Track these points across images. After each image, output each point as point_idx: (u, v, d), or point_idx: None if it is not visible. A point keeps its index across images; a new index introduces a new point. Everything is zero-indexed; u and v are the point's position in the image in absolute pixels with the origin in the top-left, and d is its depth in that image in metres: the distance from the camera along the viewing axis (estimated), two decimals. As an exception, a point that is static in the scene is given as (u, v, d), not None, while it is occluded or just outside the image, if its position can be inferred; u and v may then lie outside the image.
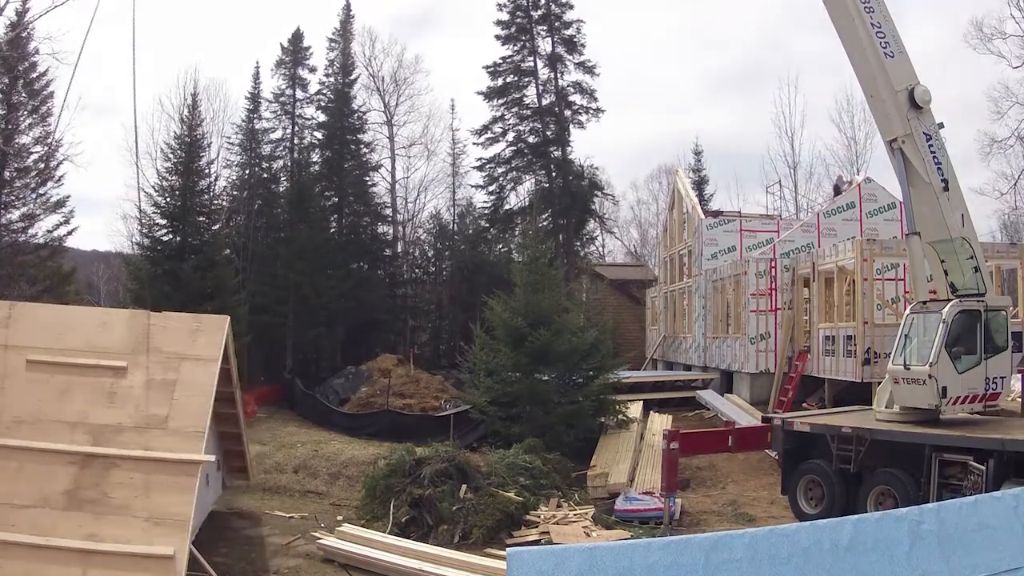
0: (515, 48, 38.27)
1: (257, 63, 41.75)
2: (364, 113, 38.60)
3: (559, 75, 37.98)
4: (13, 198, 25.98)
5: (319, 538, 10.33)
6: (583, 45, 37.85)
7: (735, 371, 22.02)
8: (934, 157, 11.81)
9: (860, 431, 11.58)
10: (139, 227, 26.28)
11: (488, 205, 39.73)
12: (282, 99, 36.62)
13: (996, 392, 11.69)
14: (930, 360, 11.32)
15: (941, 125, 11.93)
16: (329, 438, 18.68)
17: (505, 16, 38.07)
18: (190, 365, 8.42)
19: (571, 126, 38.14)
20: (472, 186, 40.89)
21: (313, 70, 37.43)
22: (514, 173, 39.30)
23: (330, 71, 37.84)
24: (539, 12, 37.99)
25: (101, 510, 7.21)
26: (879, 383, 13.49)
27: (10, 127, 25.73)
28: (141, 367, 8.34)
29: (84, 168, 46.67)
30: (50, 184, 26.32)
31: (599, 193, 40.34)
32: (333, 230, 34.70)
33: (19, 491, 7.29)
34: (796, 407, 18.20)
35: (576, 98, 38.13)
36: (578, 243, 39.63)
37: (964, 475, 10.14)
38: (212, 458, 7.69)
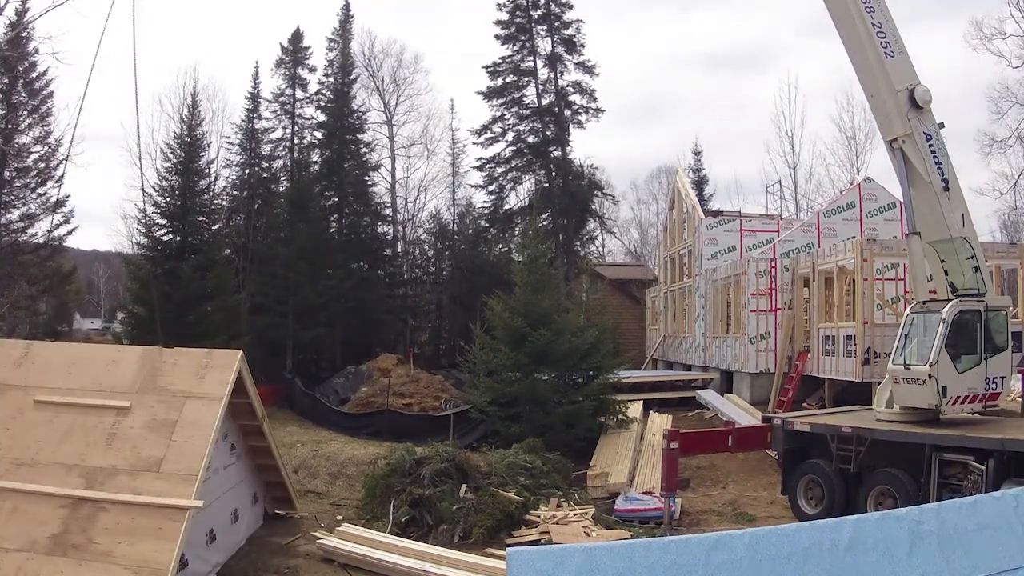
0: (515, 48, 38.29)
1: (257, 63, 41.87)
2: (364, 113, 38.72)
3: (559, 75, 38.03)
4: (13, 198, 26.03)
5: (319, 538, 10.31)
6: (583, 45, 37.94)
7: (735, 371, 22.02)
8: (934, 157, 11.81)
9: (860, 431, 11.58)
10: (139, 227, 26.34)
11: (488, 205, 39.81)
12: (282, 99, 36.68)
13: (996, 392, 11.69)
14: (930, 360, 11.31)
15: (942, 125, 11.93)
16: (329, 438, 18.64)
17: (505, 16, 38.15)
18: (194, 404, 8.19)
19: (571, 126, 38.20)
20: (472, 186, 41.01)
21: (313, 70, 37.53)
22: (514, 173, 39.29)
23: (330, 71, 37.94)
24: (539, 12, 37.99)
25: (85, 556, 7.00)
26: (879, 383, 13.49)
27: (10, 127, 25.79)
28: (145, 407, 8.15)
29: (84, 168, 46.91)
30: (50, 184, 26.41)
31: (599, 193, 40.44)
32: (333, 230, 34.71)
33: (9, 534, 7.16)
34: (796, 407, 18.20)
35: (576, 98, 38.20)
36: (578, 243, 39.63)
37: (964, 475, 10.14)
38: (200, 503, 7.36)
